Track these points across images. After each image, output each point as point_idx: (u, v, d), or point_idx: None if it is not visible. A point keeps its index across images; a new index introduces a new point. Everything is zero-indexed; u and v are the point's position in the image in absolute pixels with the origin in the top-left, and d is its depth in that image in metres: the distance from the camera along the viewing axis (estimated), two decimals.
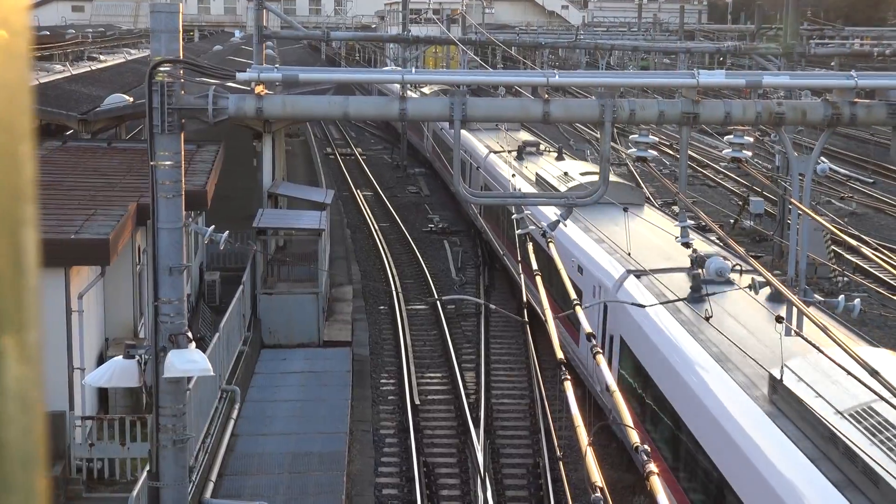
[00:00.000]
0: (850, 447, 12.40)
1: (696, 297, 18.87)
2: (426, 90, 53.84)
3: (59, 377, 18.22)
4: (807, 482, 12.67)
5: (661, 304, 18.91)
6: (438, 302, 31.53)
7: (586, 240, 24.48)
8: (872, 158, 53.52)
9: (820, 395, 13.63)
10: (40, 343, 1.28)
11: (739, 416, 14.52)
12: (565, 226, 17.78)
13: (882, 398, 11.30)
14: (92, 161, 26.24)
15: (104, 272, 20.99)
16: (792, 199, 16.12)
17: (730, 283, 19.58)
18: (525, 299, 23.66)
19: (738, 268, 20.45)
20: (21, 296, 1.23)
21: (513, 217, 24.66)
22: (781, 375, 14.33)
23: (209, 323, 26.57)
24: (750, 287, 16.83)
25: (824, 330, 11.24)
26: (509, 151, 36.78)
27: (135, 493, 14.88)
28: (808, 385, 13.98)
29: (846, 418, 13.16)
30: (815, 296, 15.84)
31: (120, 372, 13.29)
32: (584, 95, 50.22)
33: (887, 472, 11.57)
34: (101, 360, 20.14)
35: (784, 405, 14.13)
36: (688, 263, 20.05)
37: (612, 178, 26.51)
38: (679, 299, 18.65)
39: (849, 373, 11.91)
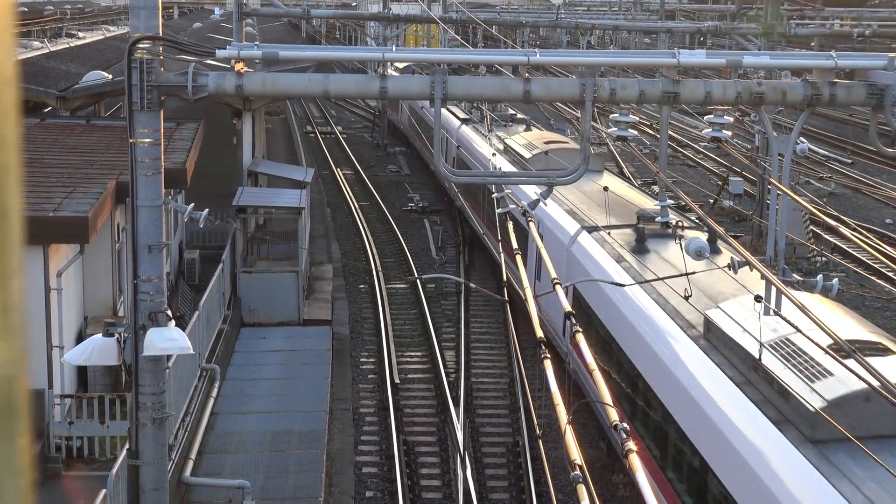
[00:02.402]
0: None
1: None
2: None
3: (38, 355, 18.16)
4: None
5: None
6: (418, 281, 31.54)
7: None
8: (851, 139, 53.71)
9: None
10: (22, 300, 1.29)
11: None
12: (545, 205, 17.78)
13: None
14: (71, 138, 26.11)
15: (83, 250, 20.91)
16: (771, 179, 16.18)
17: None
18: (505, 278, 23.66)
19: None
20: (5, 253, 1.24)
21: (493, 196, 23.45)
22: None
23: (189, 301, 26.52)
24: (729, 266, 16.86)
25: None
26: (613, 229, 22.15)
27: (114, 471, 14.87)
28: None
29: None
30: (794, 275, 15.92)
31: (99, 350, 13.25)
32: (564, 75, 50.23)
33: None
34: (80, 338, 20.09)
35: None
36: None
37: None
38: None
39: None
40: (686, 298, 16.89)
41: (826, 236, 35.96)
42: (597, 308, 19.88)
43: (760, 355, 13.80)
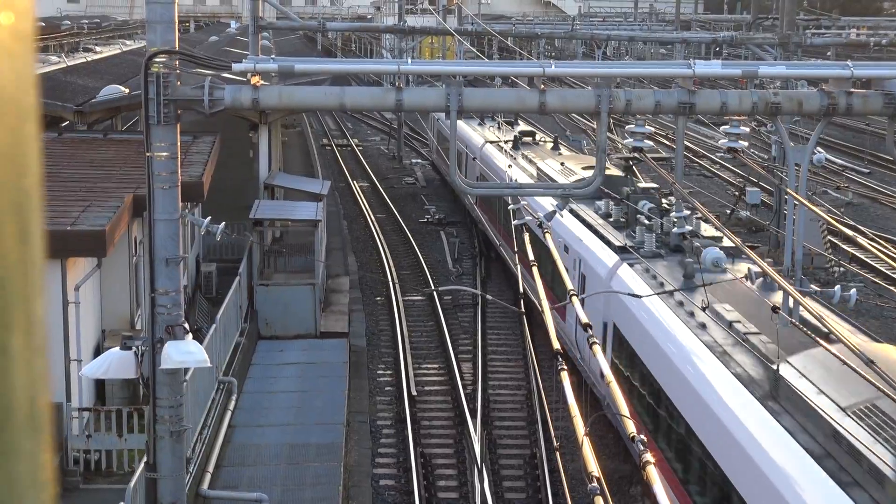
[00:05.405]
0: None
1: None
2: None
3: (56, 369, 18.22)
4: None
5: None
6: (435, 293, 31.53)
7: None
8: (868, 149, 53.54)
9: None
10: (44, 320, 1.32)
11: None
12: (562, 216, 17.76)
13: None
14: (88, 152, 26.21)
15: (101, 264, 20.98)
16: (788, 190, 16.14)
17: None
18: (522, 290, 23.63)
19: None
20: (28, 275, 1.26)
21: (509, 207, 22.92)
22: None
23: (206, 314, 26.56)
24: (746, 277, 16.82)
25: (820, 320, 11.24)
26: None
27: (132, 484, 14.90)
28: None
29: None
30: (812, 286, 15.87)
31: (117, 363, 13.29)
32: (580, 86, 50.22)
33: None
34: (98, 351, 20.14)
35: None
36: None
37: None
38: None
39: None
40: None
41: (844, 246, 35.83)
42: None
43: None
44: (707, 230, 21.57)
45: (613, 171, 27.35)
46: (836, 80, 13.58)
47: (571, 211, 24.52)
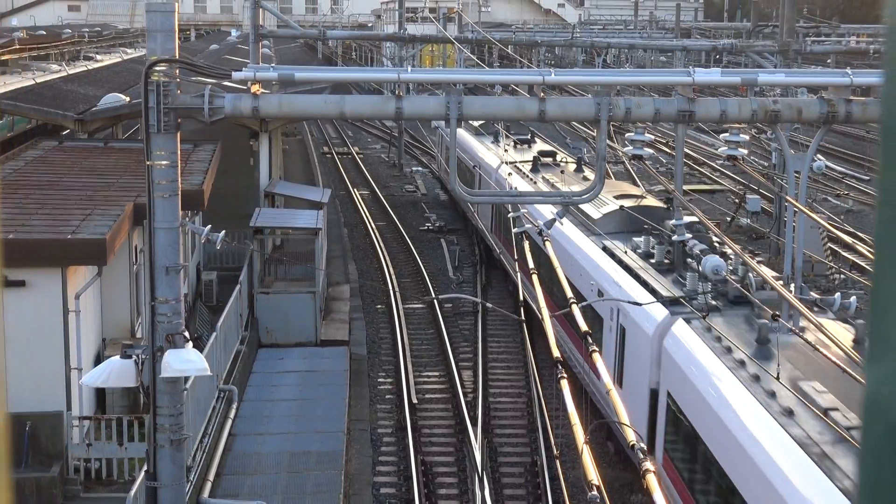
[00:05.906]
0: None
1: None
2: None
3: (57, 377, 18.23)
4: None
5: None
6: (436, 301, 31.51)
7: None
8: (868, 156, 53.56)
9: None
10: (2, 347, 1.31)
11: None
12: (561, 224, 17.75)
13: None
14: (88, 161, 26.24)
15: (101, 272, 20.99)
16: (788, 197, 16.15)
17: None
18: (522, 298, 23.62)
19: None
20: None
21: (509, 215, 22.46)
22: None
23: (206, 322, 26.56)
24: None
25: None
26: None
27: (132, 492, 14.89)
28: None
29: None
30: (812, 293, 15.87)
31: (117, 372, 13.28)
32: (580, 94, 50.23)
33: None
34: (99, 360, 20.13)
35: None
36: None
37: None
38: None
39: None
40: None
41: (844, 254, 35.83)
42: None
43: None
44: (767, 280, 15.98)
45: (653, 201, 25.21)
46: (835, 87, 13.60)
47: (605, 249, 22.28)
